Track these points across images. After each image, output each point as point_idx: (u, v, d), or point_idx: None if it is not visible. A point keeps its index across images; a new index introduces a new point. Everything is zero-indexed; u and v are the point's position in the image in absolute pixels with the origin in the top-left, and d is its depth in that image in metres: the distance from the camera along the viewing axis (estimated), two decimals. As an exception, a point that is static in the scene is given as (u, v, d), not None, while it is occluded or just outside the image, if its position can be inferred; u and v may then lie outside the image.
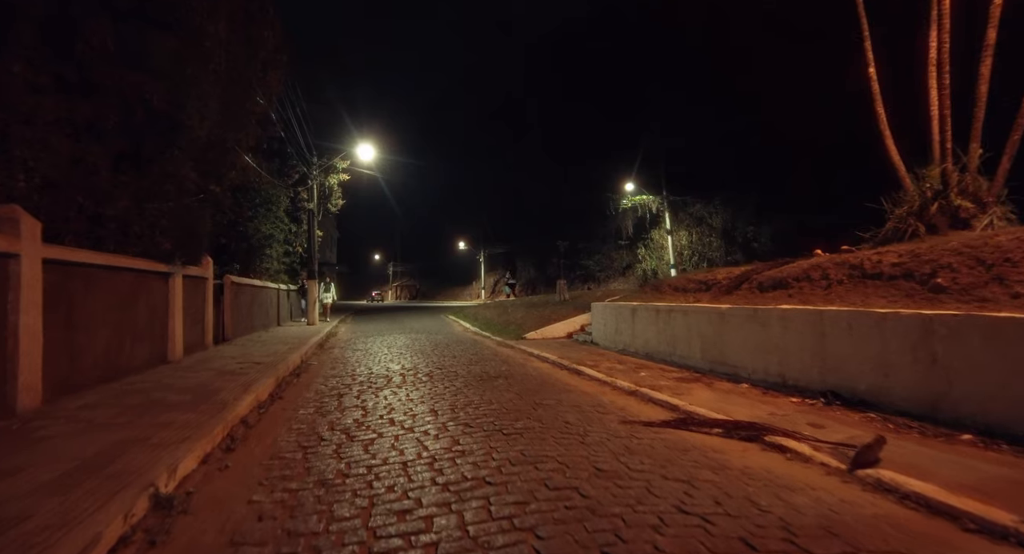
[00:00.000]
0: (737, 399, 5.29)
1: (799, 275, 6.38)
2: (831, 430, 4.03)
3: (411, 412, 4.90)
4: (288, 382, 6.76)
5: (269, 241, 14.01)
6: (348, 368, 7.94)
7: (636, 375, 6.83)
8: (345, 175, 17.68)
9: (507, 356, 9.18)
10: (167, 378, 6.04)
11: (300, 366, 8.16)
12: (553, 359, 8.36)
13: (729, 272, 7.91)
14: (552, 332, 11.90)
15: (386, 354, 9.47)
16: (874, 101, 6.84)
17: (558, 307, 14.20)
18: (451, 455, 3.57)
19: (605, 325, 9.88)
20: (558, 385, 6.36)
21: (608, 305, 9.84)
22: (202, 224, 7.82)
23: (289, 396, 5.88)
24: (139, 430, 3.78)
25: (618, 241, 34.83)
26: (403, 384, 6.39)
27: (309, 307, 15.84)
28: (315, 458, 3.61)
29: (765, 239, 26.38)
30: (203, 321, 8.90)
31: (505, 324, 14.20)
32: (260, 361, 7.71)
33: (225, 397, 4.96)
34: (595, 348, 9.76)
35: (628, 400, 5.54)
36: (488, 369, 7.56)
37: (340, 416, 4.83)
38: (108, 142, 5.20)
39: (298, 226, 17.64)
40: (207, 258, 8.97)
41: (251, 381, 5.90)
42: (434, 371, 7.35)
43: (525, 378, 6.82)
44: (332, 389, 6.22)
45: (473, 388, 6.02)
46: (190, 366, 7.02)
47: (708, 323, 6.86)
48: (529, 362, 8.49)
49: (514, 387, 6.10)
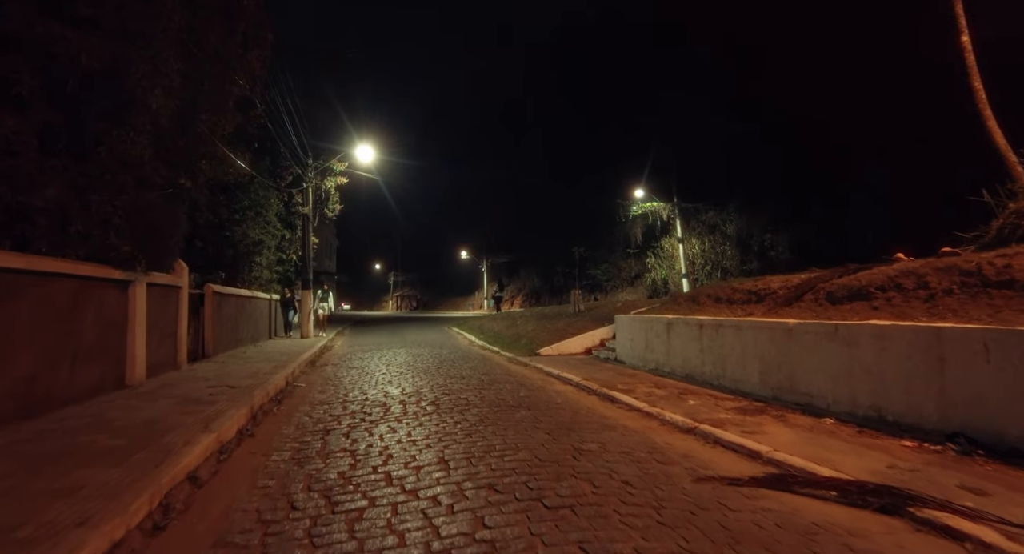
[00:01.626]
0: (829, 441, 4.14)
1: (883, 284, 5.26)
2: (1003, 500, 2.88)
3: (414, 462, 3.75)
4: (267, 412, 5.62)
5: (259, 247, 12.91)
6: (340, 392, 6.80)
7: (683, 404, 5.69)
8: (343, 178, 16.63)
9: (523, 376, 8.03)
10: (112, 410, 4.90)
11: (284, 390, 7.01)
12: (577, 381, 7.22)
13: (785, 280, 6.79)
14: (568, 347, 10.75)
15: (384, 374, 8.33)
16: (969, 75, 5.77)
17: (573, 319, 13.06)
18: (478, 552, 2.42)
19: (632, 341, 8.74)
20: (594, 418, 5.20)
21: (636, 318, 8.71)
22: (172, 224, 6.73)
23: (263, 432, 4.74)
24: (17, 504, 2.64)
25: (626, 250, 33.72)
26: (404, 416, 5.25)
27: (302, 319, 14.69)
28: (277, 547, 2.47)
29: (783, 247, 25.25)
30: (175, 336, 7.77)
31: (515, 338, 13.05)
32: (237, 384, 6.58)
33: (173, 440, 3.82)
34: (621, 367, 8.61)
35: (688, 441, 4.39)
36: (504, 395, 6.41)
37: (322, 466, 3.69)
38: (31, 114, 4.13)
39: (292, 232, 16.57)
40: (181, 264, 7.87)
41: (217, 414, 4.76)
42: (440, 398, 6.20)
43: (551, 407, 5.67)
44: (318, 422, 5.08)
45: (491, 423, 4.87)
46: (150, 392, 5.88)
47: (770, 341, 5.72)
48: (550, 384, 7.34)
49: (541, 422, 4.95)
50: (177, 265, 7.82)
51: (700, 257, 28.31)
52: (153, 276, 6.76)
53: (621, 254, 34.93)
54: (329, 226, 34.82)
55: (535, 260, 45.94)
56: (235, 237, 11.88)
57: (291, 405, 6.08)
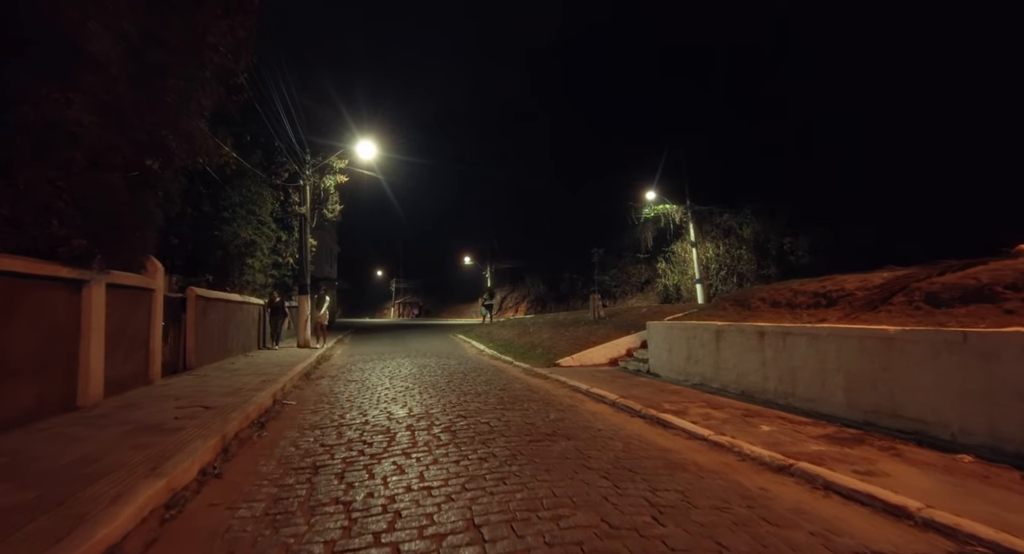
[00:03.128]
0: (994, 492, 3.07)
1: (1015, 281, 4.21)
2: None
3: (432, 527, 2.70)
4: (244, 440, 4.58)
5: (251, 249, 11.90)
6: (336, 412, 5.76)
7: (754, 430, 4.63)
8: (343, 177, 15.66)
9: (547, 393, 6.97)
10: (40, 443, 3.86)
11: (271, 409, 5.97)
12: (614, 399, 6.16)
13: (863, 280, 5.75)
14: (591, 358, 9.69)
15: (387, 389, 7.27)
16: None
17: (593, 327, 11.99)
18: None
19: (670, 351, 7.68)
20: (651, 451, 4.14)
21: (675, 325, 7.65)
22: (141, 217, 5.72)
23: (235, 472, 3.70)
24: None
25: (636, 255, 32.64)
26: (413, 448, 4.19)
27: (300, 326, 13.62)
28: None
29: (803, 251, 24.16)
30: (146, 347, 6.74)
31: (529, 346, 11.98)
32: (213, 404, 5.53)
33: (101, 493, 2.78)
34: (658, 381, 7.54)
35: (788, 487, 3.33)
36: (532, 417, 5.34)
37: (304, 530, 2.64)
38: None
39: (289, 234, 15.58)
40: (154, 264, 6.86)
41: (176, 447, 3.72)
42: (455, 422, 5.14)
43: (594, 436, 4.60)
44: (305, 455, 4.03)
45: (526, 461, 3.81)
46: (102, 416, 4.83)
47: (860, 352, 4.66)
48: (581, 403, 6.28)
49: (590, 458, 3.88)
50: (150, 265, 6.81)
51: (715, 261, 27.24)
52: (116, 276, 5.74)
53: (631, 259, 33.87)
54: (330, 231, 33.89)
55: (540, 266, 44.89)
56: (225, 237, 10.88)
57: (276, 430, 5.03)
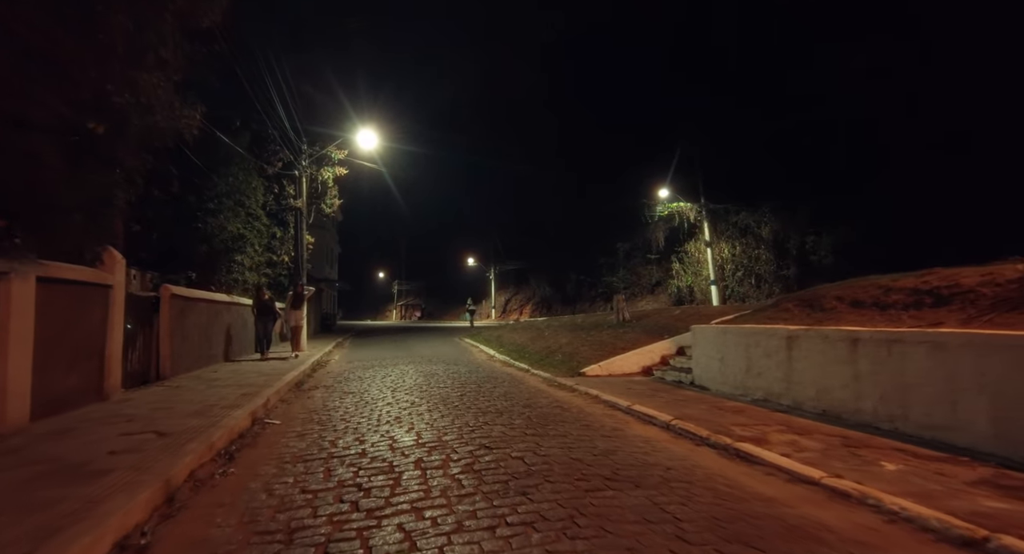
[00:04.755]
0: None
1: None
2: None
3: None
4: (200, 483, 3.45)
5: (240, 244, 10.79)
6: (327, 436, 4.63)
7: (876, 469, 3.49)
8: (342, 169, 14.56)
9: (579, 410, 5.82)
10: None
11: (247, 432, 4.85)
12: (666, 420, 5.01)
13: (987, 274, 4.60)
14: (621, 366, 8.54)
15: (390, 404, 6.14)
16: None
17: (618, 331, 10.83)
18: None
19: (722, 360, 6.53)
20: (758, 509, 2.97)
21: (728, 329, 6.51)
22: (86, 192, 4.60)
23: (169, 545, 2.57)
24: None
25: (647, 255, 31.50)
26: (425, 501, 3.04)
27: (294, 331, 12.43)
28: None
29: (825, 251, 23.01)
30: (101, 354, 5.61)
31: (545, 352, 10.84)
32: (171, 429, 4.41)
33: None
34: (708, 396, 6.41)
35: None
36: (576, 449, 4.19)
37: None
38: None
39: (284, 231, 14.48)
40: (112, 255, 5.75)
41: (83, 509, 2.59)
42: (478, 456, 3.99)
43: (668, 482, 3.43)
44: (278, 511, 2.91)
45: (594, 534, 2.63)
46: (10, 452, 3.68)
47: (1016, 368, 3.52)
48: (625, 425, 5.13)
49: (685, 527, 2.70)
50: (107, 256, 5.69)
51: (730, 262, 26.13)
52: (53, 268, 4.62)
53: (640, 260, 32.71)
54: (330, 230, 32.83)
55: (546, 267, 43.70)
56: (209, 230, 9.77)
57: (249, 463, 3.91)
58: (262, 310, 10.62)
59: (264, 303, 10.64)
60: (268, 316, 10.67)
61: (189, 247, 9.46)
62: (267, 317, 10.66)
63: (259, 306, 10.64)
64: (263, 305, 10.62)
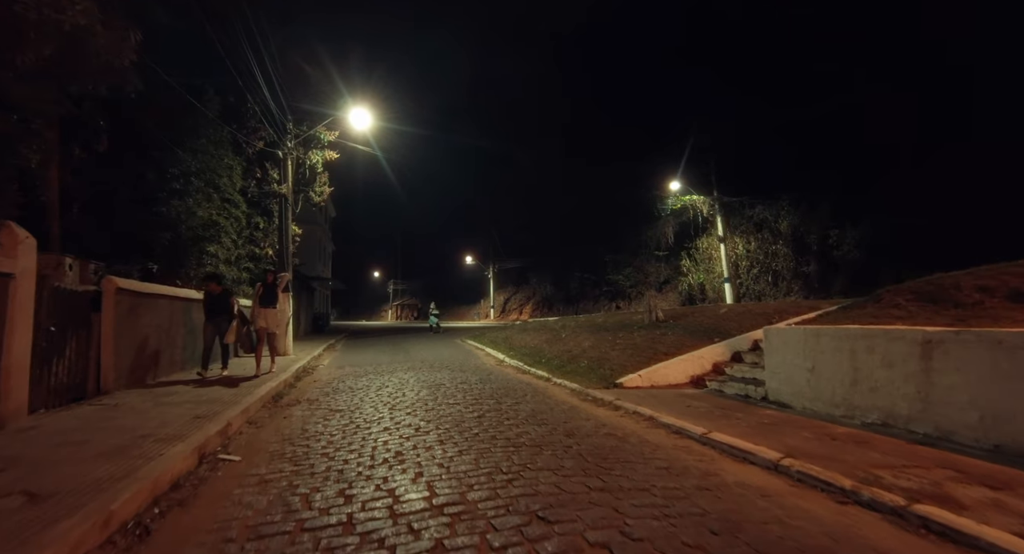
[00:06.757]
0: None
1: None
2: None
3: None
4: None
5: (213, 232, 9.29)
6: (299, 489, 3.18)
7: None
8: (332, 153, 13.08)
9: (640, 439, 4.39)
10: None
11: (186, 480, 3.41)
12: (773, 459, 3.59)
13: None
14: (665, 375, 7.12)
15: (388, 430, 4.69)
16: None
17: (653, 332, 9.39)
18: None
19: (812, 370, 5.12)
20: None
21: (822, 332, 5.08)
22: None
23: None
24: None
25: (655, 252, 30.14)
26: None
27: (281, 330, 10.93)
28: None
29: (849, 246, 21.70)
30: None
31: (566, 357, 9.40)
32: (53, 489, 2.95)
33: None
34: (793, 415, 5.00)
35: None
36: (676, 516, 2.74)
37: None
38: None
39: (268, 221, 12.98)
40: (13, 234, 4.28)
41: None
42: (530, 534, 2.55)
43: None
44: None
45: None
46: None
47: None
48: (712, 463, 3.71)
49: None
50: (5, 236, 4.22)
51: (745, 259, 24.78)
52: None
53: (647, 257, 31.34)
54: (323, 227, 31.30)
55: (547, 265, 42.25)
56: (173, 215, 8.28)
57: (164, 549, 2.46)
58: (213, 308, 7.67)
59: (215, 297, 7.65)
60: (221, 317, 7.69)
61: (150, 235, 7.97)
62: (220, 318, 7.68)
63: (207, 301, 7.70)
64: (213, 299, 7.66)
